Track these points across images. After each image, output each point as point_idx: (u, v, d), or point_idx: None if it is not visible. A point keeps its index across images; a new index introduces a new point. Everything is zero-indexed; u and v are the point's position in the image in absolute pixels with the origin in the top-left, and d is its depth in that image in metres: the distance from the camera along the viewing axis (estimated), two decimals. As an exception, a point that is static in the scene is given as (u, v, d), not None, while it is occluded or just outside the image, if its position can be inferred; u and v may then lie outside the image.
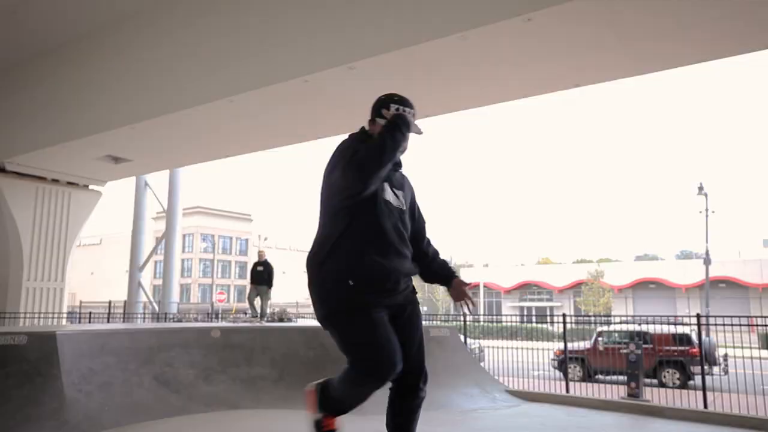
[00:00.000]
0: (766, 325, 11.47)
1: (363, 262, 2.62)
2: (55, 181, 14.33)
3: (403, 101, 2.87)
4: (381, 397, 2.68)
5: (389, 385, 2.75)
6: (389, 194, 2.77)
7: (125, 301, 19.54)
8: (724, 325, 7.43)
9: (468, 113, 9.41)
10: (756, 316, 11.11)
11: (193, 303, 47.17)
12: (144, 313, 19.75)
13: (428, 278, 3.00)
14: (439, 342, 7.71)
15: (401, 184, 2.92)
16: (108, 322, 17.73)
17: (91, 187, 15.40)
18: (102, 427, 5.39)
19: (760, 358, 9.18)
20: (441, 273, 2.96)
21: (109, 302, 18.83)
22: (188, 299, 51.11)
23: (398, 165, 2.90)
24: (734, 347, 11.59)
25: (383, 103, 2.87)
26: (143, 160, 13.90)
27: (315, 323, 13.52)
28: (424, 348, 2.82)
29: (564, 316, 8.72)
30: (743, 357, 10.82)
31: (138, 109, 10.19)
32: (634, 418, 6.18)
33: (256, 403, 6.57)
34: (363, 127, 2.95)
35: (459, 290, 2.90)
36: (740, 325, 7.22)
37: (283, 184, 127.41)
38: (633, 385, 6.80)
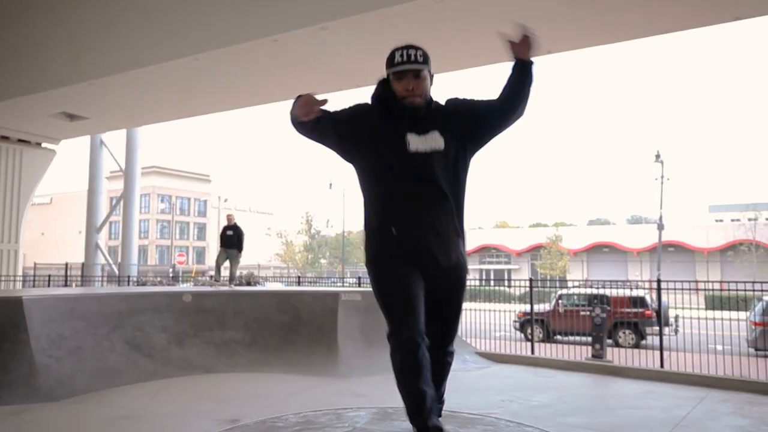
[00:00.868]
0: (720, 290, 12.09)
1: (374, 234, 2.65)
2: (4, 138, 13.64)
3: (391, 59, 2.68)
4: (362, 359, 2.70)
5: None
6: (412, 143, 2.56)
7: (83, 264, 19.02)
8: (683, 289, 7.80)
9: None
10: (707, 281, 11.64)
11: (151, 265, 46.31)
12: (102, 276, 19.29)
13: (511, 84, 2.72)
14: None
15: (428, 124, 2.63)
16: (66, 285, 17.26)
17: (44, 145, 14.73)
18: (75, 392, 5.31)
19: (707, 318, 9.68)
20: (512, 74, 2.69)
21: (66, 264, 18.30)
22: (145, 261, 50.11)
23: (417, 109, 2.62)
24: (682, 308, 12.22)
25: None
26: (101, 119, 13.33)
27: (287, 287, 13.56)
28: (452, 323, 2.84)
29: (531, 281, 8.98)
30: (690, 318, 11.43)
31: (97, 64, 9.70)
32: (598, 378, 6.48)
33: (230, 367, 6.57)
34: (381, 79, 2.76)
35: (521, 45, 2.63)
36: (698, 289, 7.57)
37: (243, 144, 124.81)
38: (597, 346, 7.10)
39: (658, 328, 12.02)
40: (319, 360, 6.66)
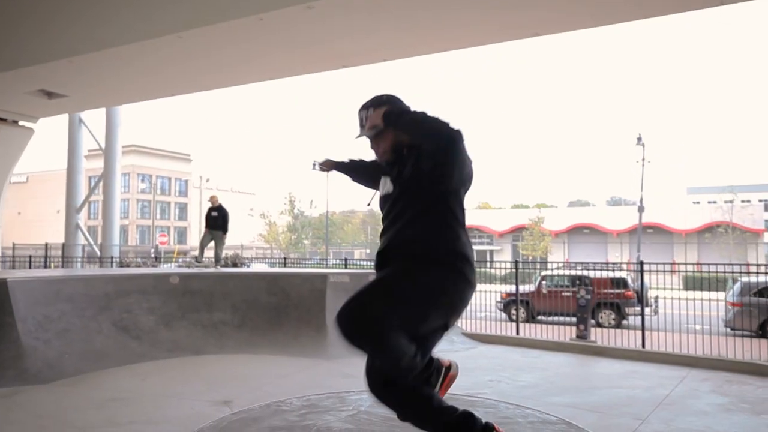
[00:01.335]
0: (699, 272, 12.34)
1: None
2: (-22, 115, 13.26)
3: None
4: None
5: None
6: (384, 189, 2.67)
7: (63, 244, 18.76)
8: (665, 271, 7.95)
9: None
10: (686, 263, 11.89)
11: (132, 245, 45.82)
12: (83, 257, 19.05)
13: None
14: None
15: (391, 169, 2.67)
16: (46, 266, 17.03)
17: (21, 123, 14.35)
18: (64, 374, 5.29)
19: (686, 299, 9.90)
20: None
21: (46, 245, 18.05)
22: (126, 241, 49.54)
23: (388, 164, 2.65)
24: (663, 289, 12.48)
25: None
26: (81, 97, 12.97)
27: (274, 269, 13.55)
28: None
29: (516, 262, 9.08)
30: (668, 298, 11.68)
31: (78, 41, 9.42)
32: (582, 358, 6.63)
33: (219, 348, 6.58)
34: None
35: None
36: (680, 271, 7.73)
37: (225, 123, 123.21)
38: (581, 327, 7.24)
39: (638, 308, 12.31)
40: (308, 341, 6.70)
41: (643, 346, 7.57)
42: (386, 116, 2.46)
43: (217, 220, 10.06)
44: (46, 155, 69.28)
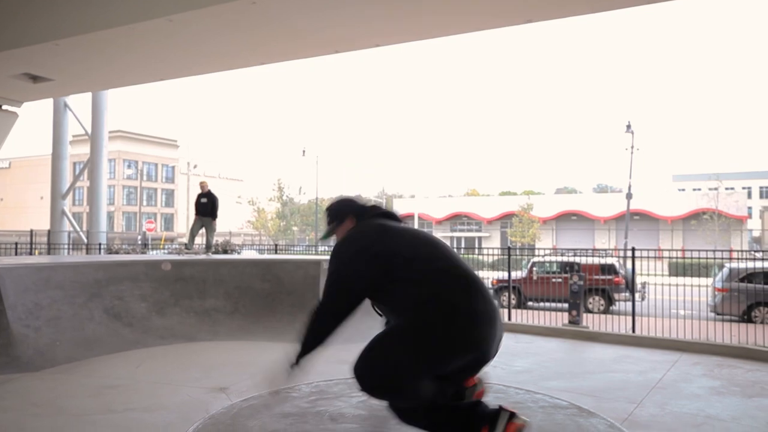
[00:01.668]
0: (690, 258, 12.48)
1: None
2: (-38, 99, 12.98)
3: None
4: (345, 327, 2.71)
5: None
6: None
7: (49, 231, 18.51)
8: (657, 258, 8.02)
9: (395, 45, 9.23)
10: (673, 249, 12.00)
11: (118, 232, 45.40)
12: (69, 244, 18.81)
13: None
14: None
15: None
16: (31, 253, 16.81)
17: (5, 107, 14.08)
18: (56, 362, 5.23)
19: (674, 285, 10.01)
20: None
21: (31, 231, 17.79)
22: (112, 228, 49.04)
23: None
24: (649, 275, 12.61)
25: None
26: (66, 81, 12.73)
27: (267, 256, 13.47)
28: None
29: (509, 249, 9.11)
30: (655, 284, 11.81)
31: (64, 23, 9.23)
32: (575, 343, 6.68)
33: (212, 335, 6.55)
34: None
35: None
36: (669, 258, 7.79)
37: (212, 109, 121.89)
38: (574, 312, 7.30)
39: (626, 294, 12.45)
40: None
41: (633, 330, 7.66)
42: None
43: (206, 207, 9.96)
44: (29, 141, 68.18)
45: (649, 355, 5.99)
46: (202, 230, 10.31)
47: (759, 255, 15.23)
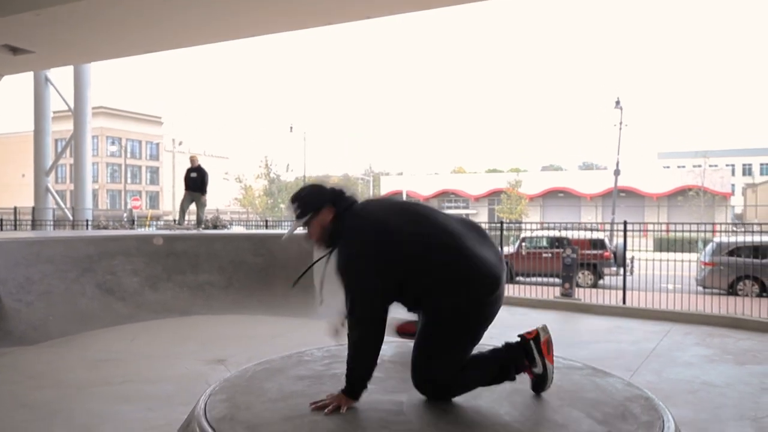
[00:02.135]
0: (675, 231, 12.59)
1: None
2: (-60, 72, 12.64)
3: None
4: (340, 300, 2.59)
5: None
6: None
7: (33, 208, 18.24)
8: (649, 231, 8.10)
9: (382, 21, 9.10)
10: (661, 222, 12.16)
11: (103, 209, 44.87)
12: (54, 221, 18.56)
13: None
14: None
15: None
16: (16, 230, 16.57)
17: (-16, 80, 13.74)
18: (50, 336, 5.17)
19: (660, 260, 10.14)
20: None
21: (15, 208, 17.52)
22: (97, 206, 48.46)
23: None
24: (634, 250, 12.75)
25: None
26: (48, 53, 12.44)
27: (260, 231, 13.34)
28: None
29: (501, 223, 9.14)
30: (639, 259, 11.96)
31: (45, -8, 8.95)
32: (568, 314, 6.76)
33: (207, 309, 6.51)
34: None
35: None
36: (663, 231, 7.87)
37: (197, 85, 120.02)
38: (567, 285, 7.36)
39: (615, 268, 12.58)
40: (297, 302, 6.64)
41: (624, 302, 7.75)
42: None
43: (196, 181, 9.83)
44: (9, 117, 66.69)
45: (641, 325, 6.08)
46: (192, 207, 10.20)
47: (741, 229, 15.46)
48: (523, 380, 2.16)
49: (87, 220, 15.62)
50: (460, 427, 1.80)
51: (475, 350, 2.19)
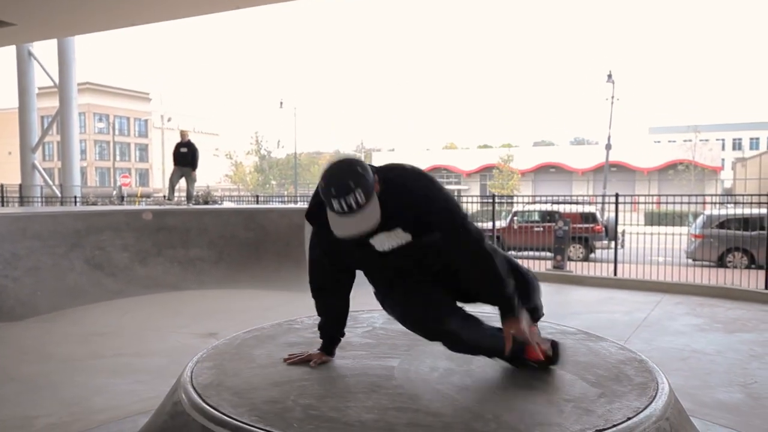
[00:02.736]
0: (666, 203, 12.61)
1: None
2: None
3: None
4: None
5: None
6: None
7: (20, 185, 18.00)
8: (639, 203, 8.10)
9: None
10: (656, 194, 12.20)
11: (92, 187, 44.44)
12: (42, 198, 18.34)
13: None
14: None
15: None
16: (3, 206, 16.36)
17: (-34, 55, 13.38)
18: (38, 311, 5.12)
19: (650, 234, 10.18)
20: None
21: (1, 185, 17.29)
22: (86, 183, 48.00)
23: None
24: (625, 224, 12.80)
25: None
26: (30, 26, 12.12)
27: (250, 206, 13.27)
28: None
29: (493, 196, 9.11)
30: (630, 233, 12.00)
31: (25, -40, 8.69)
32: (560, 286, 6.78)
33: (198, 284, 6.47)
34: None
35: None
36: (659, 203, 7.87)
37: (185, 60, 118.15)
38: (559, 257, 7.37)
39: (606, 242, 12.63)
40: (288, 275, 6.62)
41: (615, 274, 7.78)
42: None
43: (186, 156, 9.70)
44: (-8, 94, 65.44)
45: (632, 296, 6.11)
46: (182, 183, 10.08)
47: (731, 201, 15.54)
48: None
49: (75, 197, 15.44)
50: (450, 390, 1.78)
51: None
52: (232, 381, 1.87)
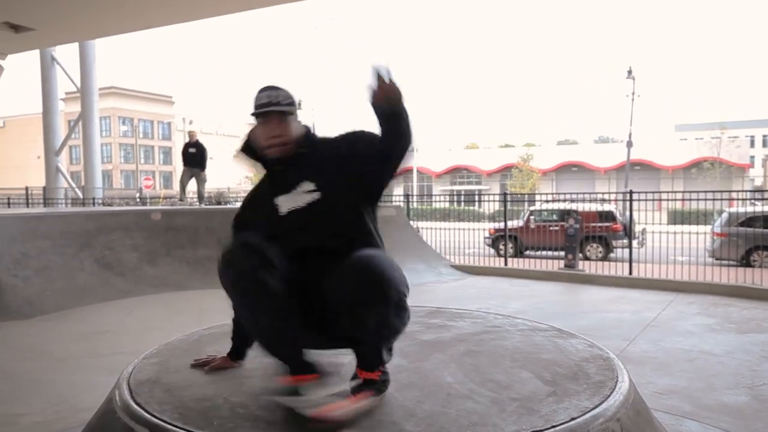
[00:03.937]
0: (690, 199, 12.29)
1: None
2: (-55, 52, 12.63)
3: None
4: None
5: None
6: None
7: (44, 188, 18.38)
8: (655, 200, 7.89)
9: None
10: (679, 191, 11.91)
11: (117, 189, 45.24)
12: (66, 200, 18.72)
13: None
14: (386, 221, 7.80)
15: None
16: (27, 207, 16.75)
17: (-11, 60, 13.70)
18: (45, 310, 5.19)
19: (672, 233, 9.92)
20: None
21: (27, 188, 17.69)
22: (110, 186, 48.90)
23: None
24: (648, 224, 12.51)
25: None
26: (50, 30, 12.34)
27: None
28: None
29: (505, 194, 8.98)
30: (652, 232, 11.72)
31: (41, -34, 8.85)
32: (570, 285, 6.64)
33: (205, 284, 6.46)
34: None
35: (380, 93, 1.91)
36: (669, 199, 7.68)
37: (207, 63, 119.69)
38: (570, 256, 7.22)
39: (625, 241, 12.37)
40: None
41: (630, 273, 7.60)
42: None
43: (195, 157, 9.77)
44: (22, 98, 67.18)
45: (644, 295, 5.95)
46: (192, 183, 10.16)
47: (759, 196, 15.10)
48: (478, 343, 2.07)
49: (93, 198, 15.71)
50: (393, 388, 1.72)
51: None
52: (171, 378, 1.87)
